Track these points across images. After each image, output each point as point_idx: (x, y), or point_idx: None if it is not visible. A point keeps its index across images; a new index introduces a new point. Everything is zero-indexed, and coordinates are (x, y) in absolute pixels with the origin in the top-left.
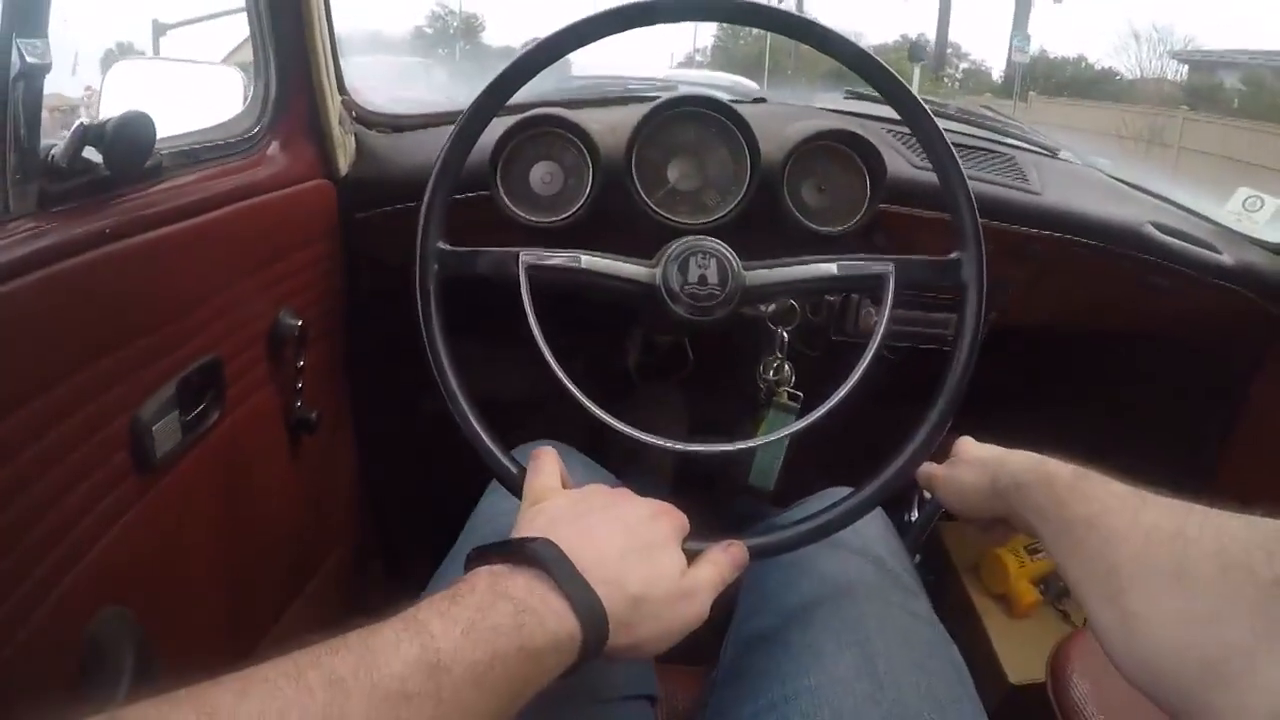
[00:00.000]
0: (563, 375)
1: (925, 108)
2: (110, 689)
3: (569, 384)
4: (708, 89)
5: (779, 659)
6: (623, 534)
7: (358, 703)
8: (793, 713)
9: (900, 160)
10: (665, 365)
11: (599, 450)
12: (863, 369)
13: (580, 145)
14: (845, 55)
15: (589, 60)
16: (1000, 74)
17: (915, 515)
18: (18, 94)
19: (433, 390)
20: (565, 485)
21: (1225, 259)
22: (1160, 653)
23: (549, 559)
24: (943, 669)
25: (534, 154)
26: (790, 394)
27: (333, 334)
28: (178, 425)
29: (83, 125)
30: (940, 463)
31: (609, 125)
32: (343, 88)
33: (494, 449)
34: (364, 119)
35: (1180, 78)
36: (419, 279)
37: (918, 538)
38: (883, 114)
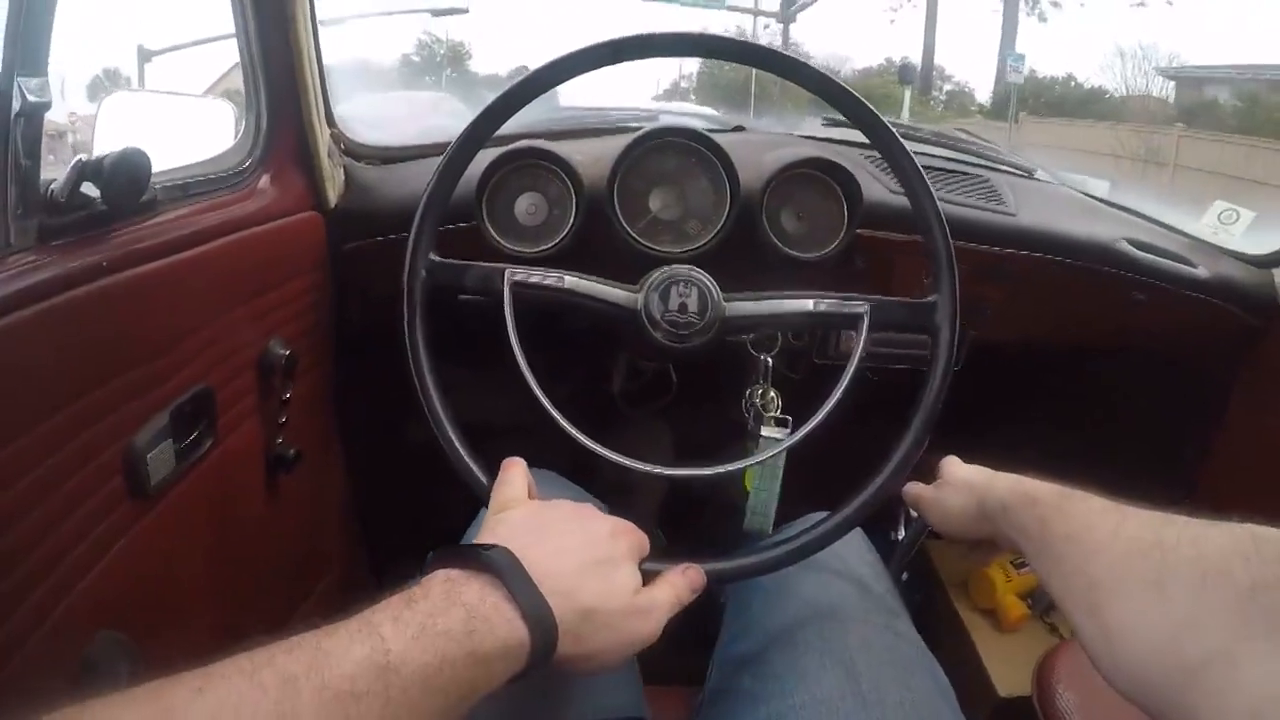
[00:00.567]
0: (545, 399)
1: (894, 132)
2: None
3: (551, 409)
4: (689, 119)
5: (764, 680)
6: (580, 547)
7: (308, 700)
8: None
9: (876, 185)
10: (650, 391)
11: (585, 475)
12: (838, 395)
13: (564, 176)
14: (810, 82)
15: (573, 89)
16: (988, 95)
17: (901, 534)
18: (18, 131)
19: (420, 417)
20: (532, 497)
21: (1200, 272)
22: (1143, 661)
23: (504, 567)
24: (926, 687)
25: (519, 185)
26: (780, 419)
27: (322, 363)
28: (172, 453)
29: (81, 161)
30: (927, 483)
31: (592, 156)
32: (331, 120)
33: (465, 456)
34: (352, 151)
35: (1167, 94)
36: (407, 284)
37: (904, 556)
38: (860, 139)
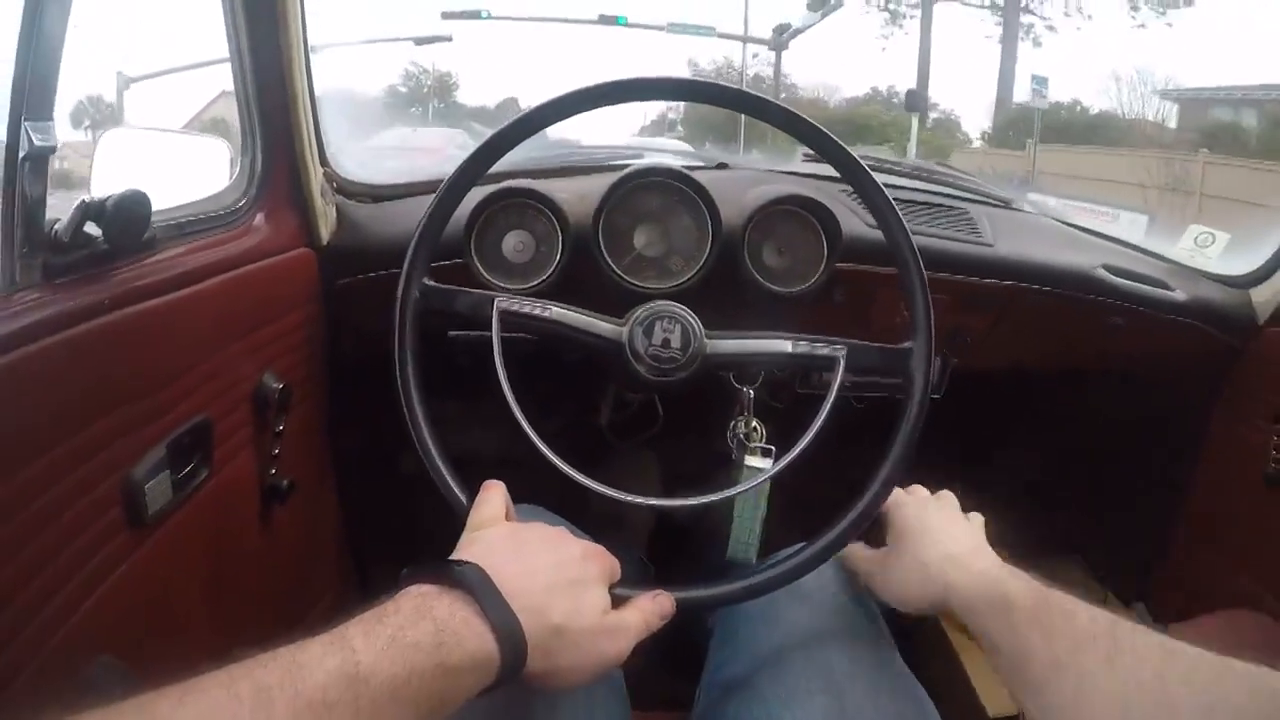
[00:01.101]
0: (531, 431)
1: (864, 167)
2: None
3: (537, 441)
4: (672, 157)
5: (751, 705)
6: (552, 568)
7: (282, 710)
8: None
9: (855, 220)
10: (637, 423)
11: (573, 507)
12: (817, 427)
13: (550, 215)
14: (779, 120)
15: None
16: (983, 123)
17: None
18: (25, 174)
19: (411, 450)
20: (509, 518)
21: (1178, 295)
22: None
23: (475, 582)
24: (910, 710)
25: (506, 223)
26: (763, 448)
27: (315, 395)
28: (169, 484)
29: (84, 202)
30: (875, 535)
31: (578, 194)
32: (324, 159)
33: (446, 474)
34: (344, 189)
35: (1164, 118)
36: (400, 302)
37: None
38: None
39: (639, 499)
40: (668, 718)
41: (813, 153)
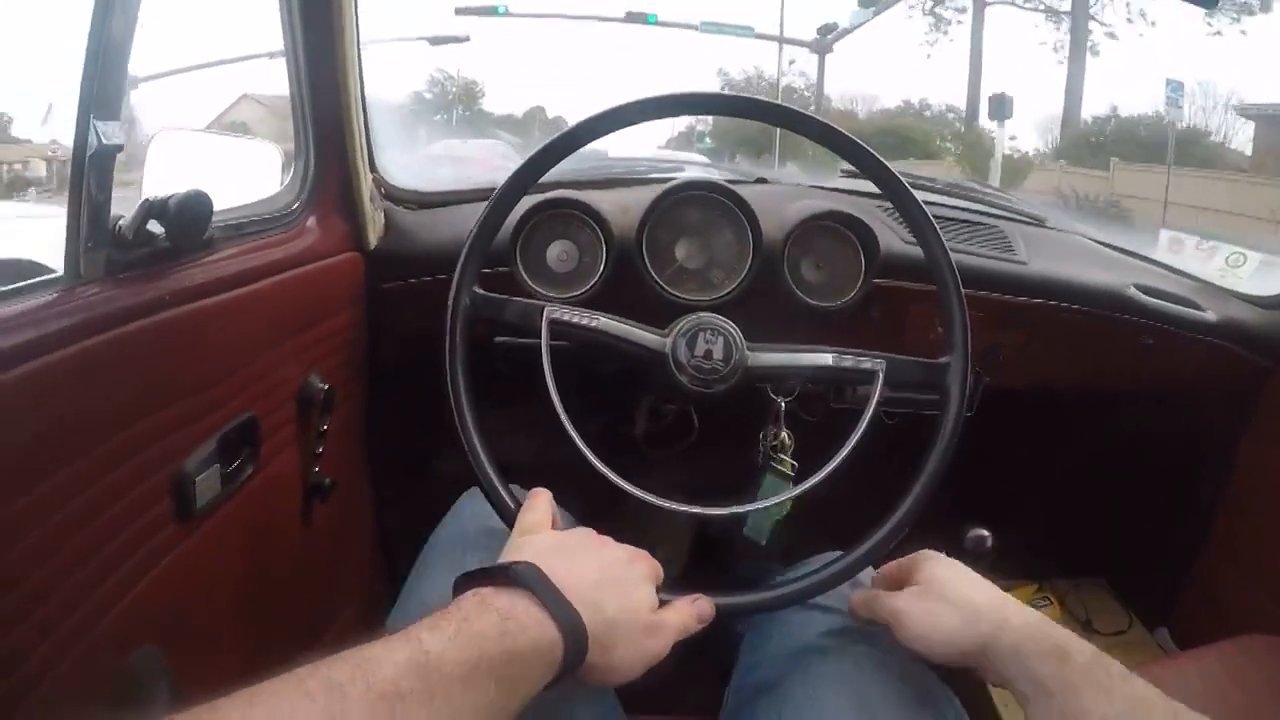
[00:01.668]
0: (577, 437)
1: (904, 183)
2: None
3: (582, 445)
4: (699, 170)
5: (779, 708)
6: (600, 567)
7: (355, 704)
8: None
9: (892, 236)
10: (672, 433)
11: (603, 511)
12: (854, 442)
13: (594, 225)
14: (815, 134)
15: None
16: (1040, 138)
17: None
18: (93, 170)
19: (448, 454)
20: (555, 526)
21: (1209, 315)
22: None
23: (531, 579)
24: (939, 716)
25: (551, 233)
26: (788, 462)
27: (356, 397)
28: (218, 478)
29: (148, 201)
30: (898, 580)
31: (621, 206)
32: (374, 166)
33: (495, 481)
34: (392, 195)
35: (1226, 135)
36: (450, 309)
37: None
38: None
39: (673, 505)
40: None
41: (851, 168)
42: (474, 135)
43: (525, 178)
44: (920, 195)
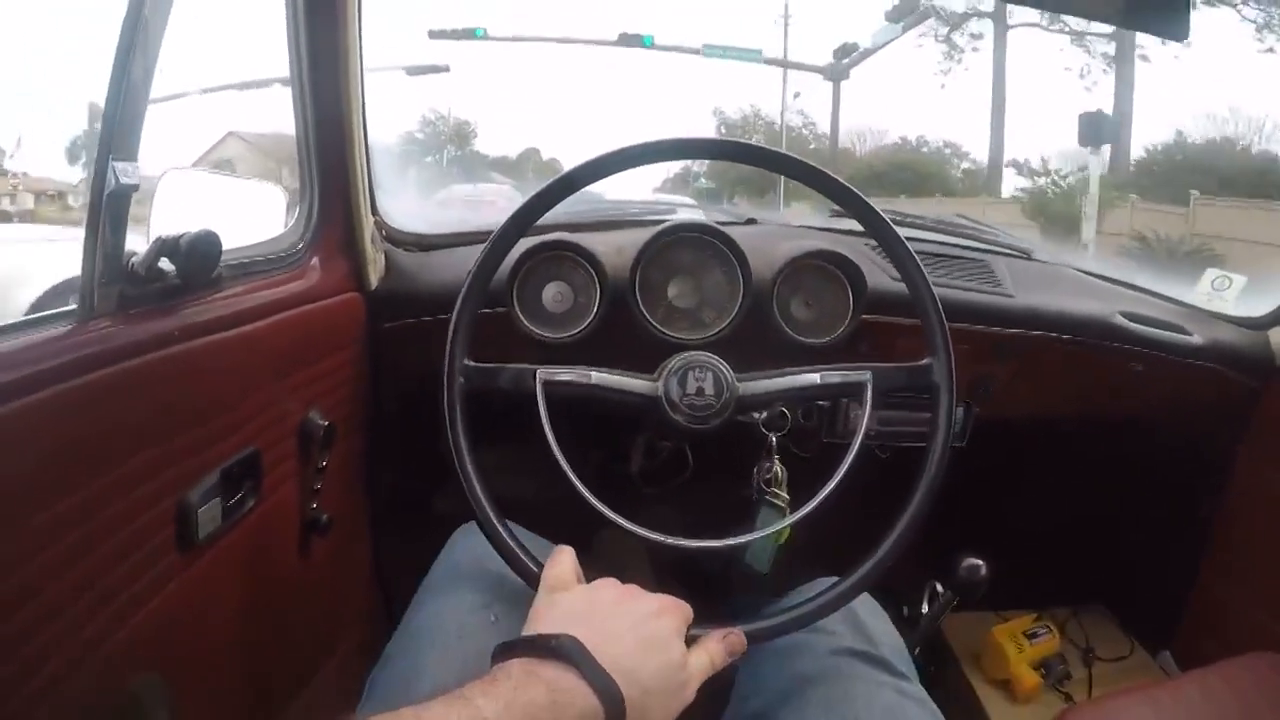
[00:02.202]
0: (579, 483)
1: (885, 219)
2: None
3: (585, 492)
4: (702, 214)
5: None
6: (632, 629)
7: None
8: None
9: (879, 273)
10: (667, 469)
11: (599, 546)
12: (844, 469)
13: (589, 267)
14: (801, 176)
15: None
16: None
17: (926, 607)
18: (109, 209)
19: (445, 490)
20: (579, 580)
21: (1195, 339)
22: None
23: (573, 652)
24: None
25: (546, 275)
26: (779, 495)
27: (355, 434)
28: (219, 510)
29: (160, 239)
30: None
31: (614, 247)
32: (375, 209)
33: (517, 550)
34: (393, 238)
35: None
36: (446, 391)
37: (927, 629)
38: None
39: (670, 540)
40: None
41: (838, 209)
42: (467, 177)
43: (516, 227)
44: (907, 231)
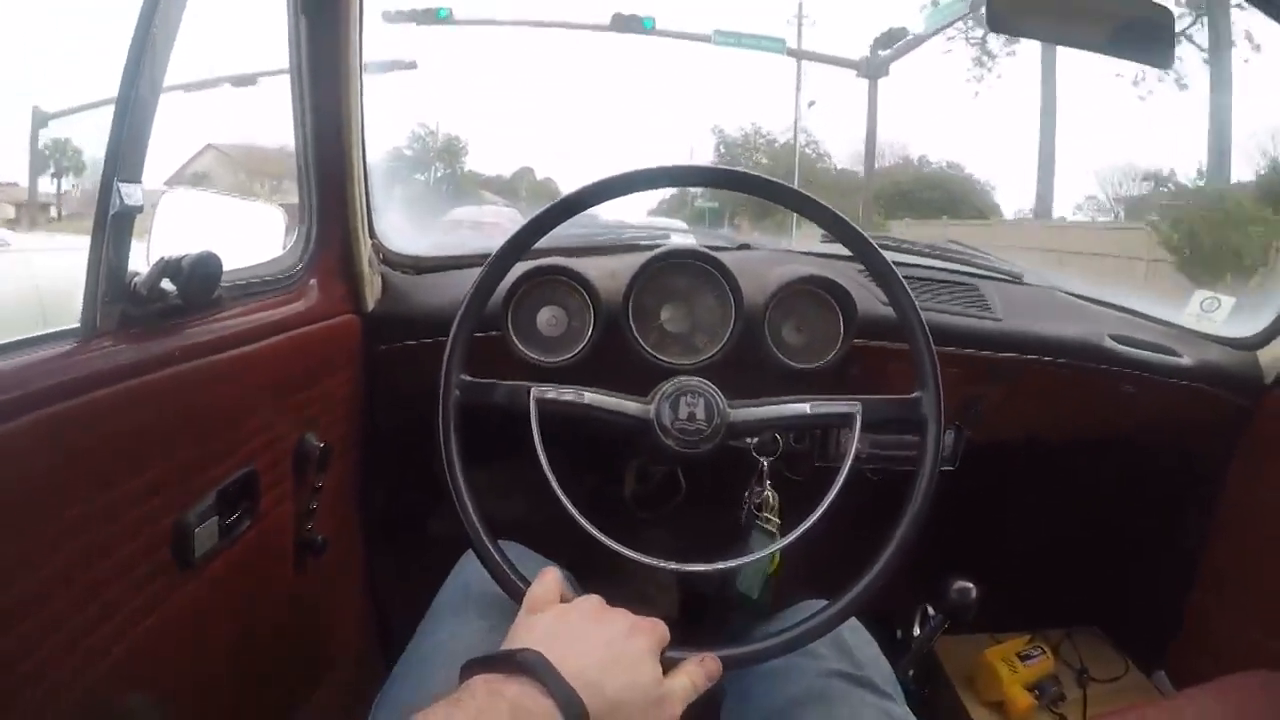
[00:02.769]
0: (567, 502)
1: (873, 245)
2: None
3: (576, 514)
4: (694, 239)
5: None
6: (603, 646)
7: None
8: None
9: (870, 298)
10: (660, 493)
11: (592, 569)
12: (834, 493)
13: (583, 291)
14: (791, 203)
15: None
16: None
17: (918, 630)
18: (113, 229)
19: (440, 512)
20: (563, 600)
21: (1185, 360)
22: None
23: (537, 667)
24: None
25: (541, 299)
26: (770, 520)
27: (350, 456)
28: (216, 529)
29: (163, 259)
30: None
31: (608, 272)
32: (372, 232)
33: (505, 570)
34: (390, 260)
35: None
36: (441, 404)
37: (920, 652)
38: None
39: (662, 563)
40: None
41: (830, 235)
42: (459, 198)
43: (514, 250)
44: (896, 257)
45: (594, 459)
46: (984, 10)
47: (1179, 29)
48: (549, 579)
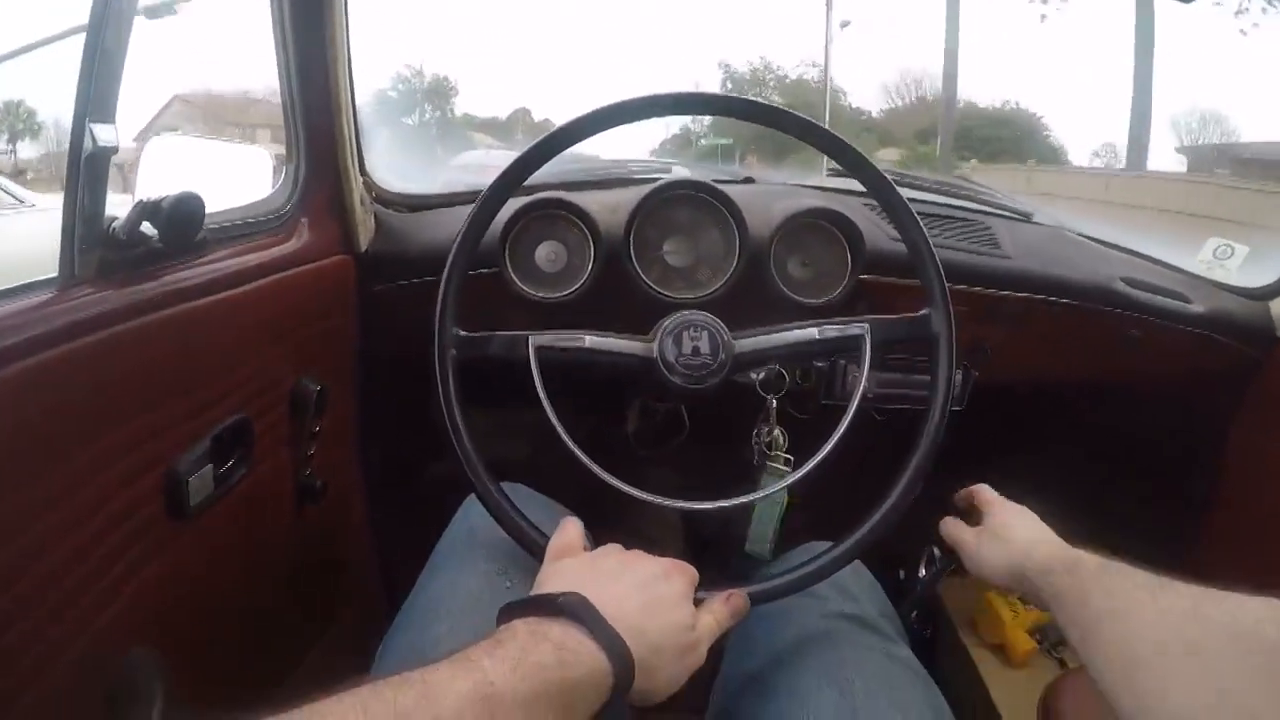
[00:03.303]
0: (572, 444)
1: (886, 177)
2: None
3: (583, 455)
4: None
5: (764, 701)
6: (638, 590)
7: None
8: None
9: (878, 232)
10: (663, 432)
11: (597, 510)
12: (843, 429)
13: (582, 226)
14: (796, 130)
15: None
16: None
17: (923, 572)
18: (87, 172)
19: (440, 455)
20: (585, 550)
21: (1196, 307)
22: None
23: (579, 609)
24: (920, 708)
25: (539, 234)
26: (784, 458)
27: (348, 400)
28: (211, 478)
29: (141, 202)
30: (972, 518)
31: (609, 206)
32: (364, 170)
33: (522, 524)
34: (383, 199)
35: None
36: (438, 365)
37: (924, 594)
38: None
39: (670, 502)
40: (683, 717)
41: (837, 168)
42: (449, 140)
43: (505, 187)
44: (907, 192)
45: (595, 399)
46: None
47: None
48: (571, 529)
